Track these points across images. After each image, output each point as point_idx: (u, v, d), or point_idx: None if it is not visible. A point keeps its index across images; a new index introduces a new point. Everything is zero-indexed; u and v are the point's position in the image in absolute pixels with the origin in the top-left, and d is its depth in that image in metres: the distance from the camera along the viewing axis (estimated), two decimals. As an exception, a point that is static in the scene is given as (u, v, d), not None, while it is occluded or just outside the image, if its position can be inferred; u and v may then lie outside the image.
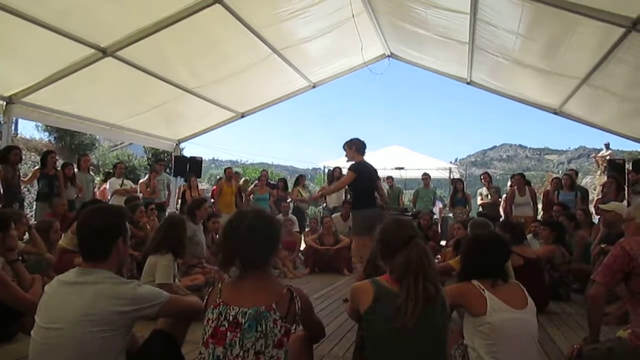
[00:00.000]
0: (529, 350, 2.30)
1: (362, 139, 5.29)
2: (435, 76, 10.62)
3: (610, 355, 2.38)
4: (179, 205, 9.88)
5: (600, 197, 8.61)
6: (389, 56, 10.35)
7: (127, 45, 6.62)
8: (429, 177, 10.66)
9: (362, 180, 5.10)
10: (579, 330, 4.07)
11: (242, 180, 11.43)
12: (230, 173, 10.34)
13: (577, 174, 9.91)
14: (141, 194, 8.92)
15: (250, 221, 1.93)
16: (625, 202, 7.32)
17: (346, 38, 8.77)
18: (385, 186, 10.54)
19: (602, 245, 4.94)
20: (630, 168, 9.18)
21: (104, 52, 6.59)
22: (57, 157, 7.58)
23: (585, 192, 8.84)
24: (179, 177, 10.62)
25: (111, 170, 10.50)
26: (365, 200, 5.12)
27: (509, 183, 9.66)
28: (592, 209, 8.24)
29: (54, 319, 1.84)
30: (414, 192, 11.01)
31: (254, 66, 8.68)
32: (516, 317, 2.27)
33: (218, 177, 15.53)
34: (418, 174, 11.46)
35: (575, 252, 5.91)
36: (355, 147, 5.22)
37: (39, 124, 16.53)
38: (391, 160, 13.55)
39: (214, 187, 11.94)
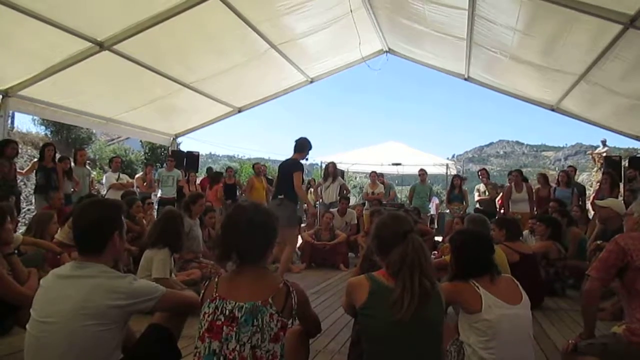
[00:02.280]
0: (523, 345, 2.31)
1: (304, 138, 5.89)
2: (433, 72, 10.70)
3: (605, 351, 2.39)
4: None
5: (595, 194, 8.65)
6: (386, 52, 10.35)
7: (124, 39, 6.59)
8: (426, 173, 10.65)
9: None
10: (575, 325, 4.10)
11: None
12: (259, 168, 10.34)
13: (575, 170, 9.92)
14: (138, 189, 8.95)
15: (249, 215, 1.94)
16: (620, 199, 7.36)
17: (344, 33, 8.76)
18: (378, 184, 10.55)
19: (598, 242, 4.95)
20: (627, 165, 9.23)
21: (101, 46, 6.56)
22: (55, 150, 7.57)
23: (582, 189, 8.86)
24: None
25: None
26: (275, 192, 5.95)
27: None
28: (588, 206, 8.27)
29: (49, 312, 1.83)
30: (411, 188, 10.99)
31: (251, 61, 8.66)
32: (511, 313, 2.28)
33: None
34: (415, 170, 11.44)
35: (570, 248, 5.93)
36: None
37: (35, 117, 16.48)
38: (388, 156, 13.58)
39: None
